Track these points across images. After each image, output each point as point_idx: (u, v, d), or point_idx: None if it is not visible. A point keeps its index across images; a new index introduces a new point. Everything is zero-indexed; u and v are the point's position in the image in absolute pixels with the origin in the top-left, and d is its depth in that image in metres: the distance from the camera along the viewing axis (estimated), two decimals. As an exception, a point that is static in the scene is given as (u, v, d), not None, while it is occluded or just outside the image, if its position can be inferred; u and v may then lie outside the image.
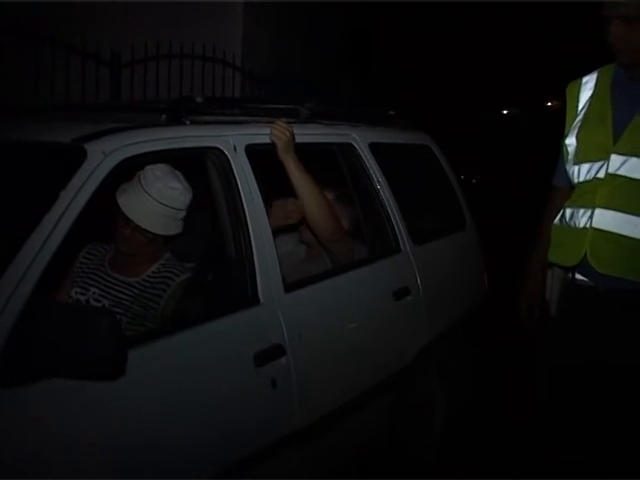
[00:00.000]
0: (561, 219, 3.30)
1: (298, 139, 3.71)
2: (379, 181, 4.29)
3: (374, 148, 4.38)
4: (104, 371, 2.43)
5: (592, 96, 3.30)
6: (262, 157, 3.57)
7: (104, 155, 2.84)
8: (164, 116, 3.40)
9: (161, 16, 8.97)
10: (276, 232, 3.94)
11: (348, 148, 4.24)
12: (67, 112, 4.01)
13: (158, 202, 3.35)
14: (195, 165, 3.41)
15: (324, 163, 4.15)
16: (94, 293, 3.45)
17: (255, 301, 3.25)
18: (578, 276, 3.23)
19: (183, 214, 3.46)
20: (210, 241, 3.56)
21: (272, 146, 3.62)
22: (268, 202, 3.61)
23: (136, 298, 3.42)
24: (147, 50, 7.90)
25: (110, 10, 8.93)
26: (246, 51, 9.43)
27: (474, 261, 5.25)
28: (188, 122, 3.36)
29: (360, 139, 4.32)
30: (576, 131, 3.28)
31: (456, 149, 19.19)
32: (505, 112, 30.39)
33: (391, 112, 4.98)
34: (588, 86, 3.35)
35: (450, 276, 4.74)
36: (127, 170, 3.07)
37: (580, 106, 3.34)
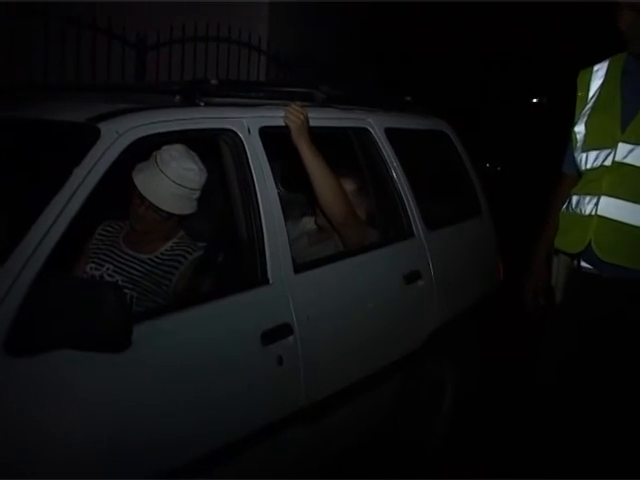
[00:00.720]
0: (568, 206, 3.33)
1: (312, 123, 3.75)
2: (394, 166, 4.32)
3: (390, 133, 4.41)
4: (110, 343, 2.51)
5: (602, 84, 3.33)
6: (276, 139, 3.62)
7: (117, 134, 2.91)
8: (178, 97, 3.46)
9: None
10: (289, 214, 4.01)
11: (363, 133, 4.27)
12: (85, 92, 4.07)
13: (173, 182, 3.43)
14: (209, 146, 3.47)
15: (339, 147, 4.19)
16: (108, 269, 3.53)
17: (264, 281, 3.31)
18: (583, 263, 3.26)
19: (197, 194, 3.54)
20: (222, 221, 3.62)
21: (286, 129, 3.67)
22: None
23: (148, 274, 3.50)
24: (172, 33, 7.97)
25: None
26: (272, 35, 9.46)
27: (489, 248, 5.26)
28: (202, 104, 3.42)
29: (376, 124, 4.35)
30: (585, 118, 3.31)
31: (483, 138, 19.18)
32: (535, 101, 30.18)
33: (408, 98, 5.01)
34: (599, 74, 3.37)
35: (463, 262, 4.77)
36: (140, 150, 3.13)
37: (590, 94, 3.36)
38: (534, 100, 29.64)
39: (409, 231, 4.33)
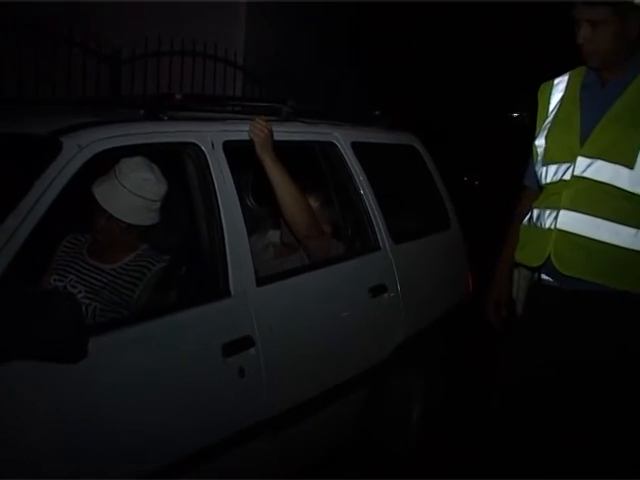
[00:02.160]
0: (529, 220, 3.36)
1: (277, 137, 3.79)
2: (360, 180, 4.36)
3: (356, 147, 4.45)
4: (65, 353, 2.53)
5: (562, 98, 3.35)
6: (244, 153, 3.65)
7: (79, 148, 2.94)
8: (142, 111, 3.49)
9: (163, 13, 9.03)
10: (254, 228, 4.04)
11: (330, 147, 4.31)
12: (54, 106, 4.09)
13: (131, 192, 3.47)
14: (172, 160, 3.50)
15: (305, 161, 4.22)
16: (71, 280, 3.54)
17: (226, 293, 3.33)
18: (543, 276, 3.28)
19: (157, 205, 3.57)
20: (186, 235, 3.64)
21: (251, 143, 3.70)
22: None
23: (110, 285, 3.51)
24: (148, 46, 7.99)
25: (112, 6, 9.01)
26: (248, 49, 9.49)
27: (458, 261, 5.30)
28: (166, 118, 3.44)
29: (342, 138, 4.38)
30: (545, 132, 3.33)
31: (462, 151, 19.20)
32: (515, 115, 30.26)
33: (377, 112, 5.06)
34: (559, 88, 3.39)
35: (431, 275, 4.80)
36: (103, 163, 3.16)
37: (551, 108, 3.38)
38: (514, 114, 29.73)
39: (375, 244, 4.36)
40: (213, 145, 3.48)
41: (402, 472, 4.49)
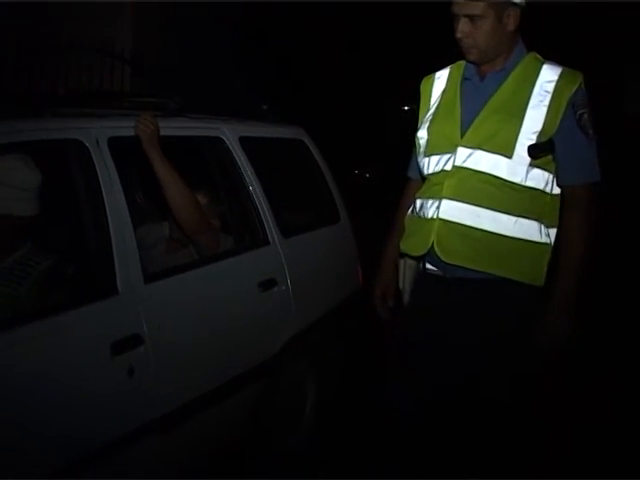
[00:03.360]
0: (413, 210, 3.43)
1: (164, 132, 3.76)
2: (248, 175, 4.35)
3: (244, 142, 4.44)
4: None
5: (444, 91, 3.42)
6: (127, 150, 3.61)
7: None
8: (23, 108, 3.42)
9: (49, 9, 8.87)
10: (141, 224, 4.01)
11: (217, 142, 4.29)
12: None
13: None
14: (56, 157, 3.44)
15: (192, 157, 4.20)
16: None
17: (114, 291, 3.30)
18: (428, 265, 3.35)
19: (29, 195, 3.48)
20: (72, 233, 3.59)
21: (137, 139, 3.66)
22: None
23: None
24: (33, 43, 7.84)
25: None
26: (136, 46, 9.39)
27: (348, 254, 5.34)
28: (48, 114, 3.38)
29: (230, 133, 4.37)
30: (427, 124, 3.40)
31: (353, 145, 19.37)
32: (406, 108, 30.60)
33: (264, 106, 5.06)
34: (440, 81, 3.47)
35: (321, 268, 4.83)
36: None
37: (432, 100, 3.45)
38: (405, 108, 30.07)
39: (264, 239, 4.37)
40: (98, 142, 3.43)
41: (294, 466, 4.52)
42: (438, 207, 3.22)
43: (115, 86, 8.80)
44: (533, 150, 3.11)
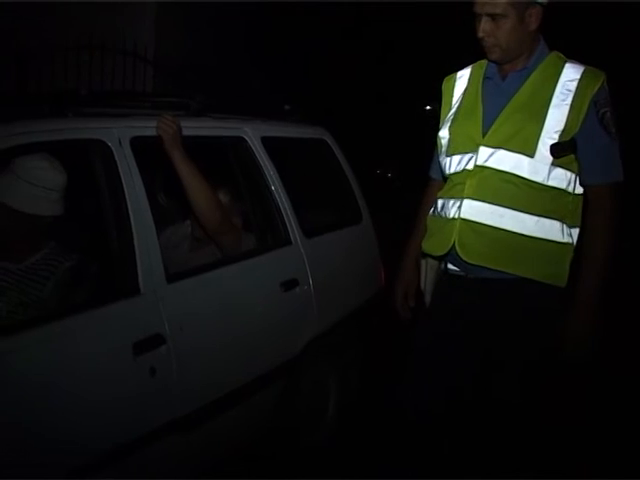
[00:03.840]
0: (434, 210, 3.42)
1: (186, 132, 3.77)
2: (270, 175, 4.35)
3: (267, 142, 4.44)
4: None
5: (465, 90, 3.42)
6: (153, 149, 3.63)
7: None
8: (46, 108, 3.43)
9: (71, 9, 8.91)
10: (164, 224, 4.02)
11: (239, 142, 4.29)
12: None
13: (27, 182, 3.42)
14: (79, 157, 3.45)
15: (215, 156, 4.21)
16: None
17: (135, 291, 3.31)
18: (450, 266, 3.35)
19: (56, 195, 3.52)
20: (94, 233, 3.60)
21: (159, 139, 3.67)
22: None
23: (17, 285, 3.45)
24: (56, 41, 7.86)
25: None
26: (158, 43, 9.42)
27: (370, 255, 5.33)
28: (70, 114, 3.40)
29: (252, 133, 4.37)
30: (449, 124, 3.39)
31: (376, 144, 19.31)
32: (428, 108, 30.51)
33: (287, 106, 5.06)
34: (462, 81, 3.46)
35: (343, 269, 4.82)
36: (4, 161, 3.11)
37: (454, 100, 3.45)
38: (427, 107, 29.98)
39: (286, 239, 4.37)
40: (120, 142, 3.44)
41: (314, 465, 4.52)
42: (460, 207, 3.21)
43: (137, 86, 8.81)
44: (555, 149, 3.09)
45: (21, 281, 3.47)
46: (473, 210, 3.18)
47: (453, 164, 3.32)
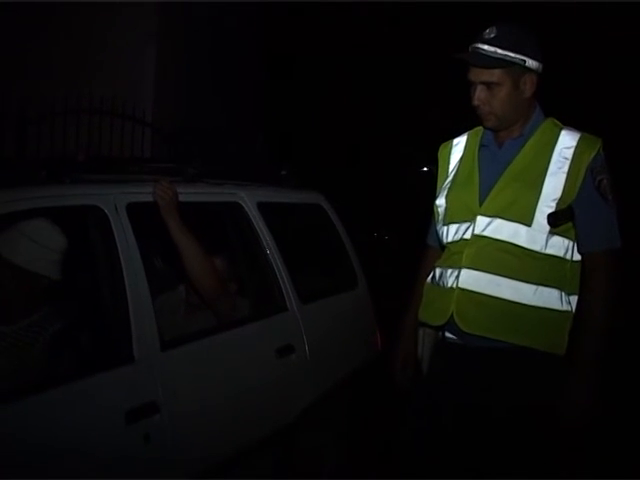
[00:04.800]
0: (432, 279, 3.39)
1: (182, 198, 3.78)
2: (266, 241, 4.35)
3: (262, 207, 4.45)
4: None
5: (461, 158, 3.41)
6: (145, 215, 3.62)
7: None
8: (44, 174, 3.44)
9: (71, 71, 8.99)
10: (160, 289, 4.00)
11: (235, 207, 4.30)
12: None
13: (29, 238, 3.41)
14: (75, 223, 3.46)
15: (210, 222, 4.21)
16: None
17: (129, 359, 3.29)
18: (447, 334, 3.31)
19: (56, 257, 3.49)
20: (89, 298, 3.58)
21: (155, 205, 3.67)
22: None
23: (8, 349, 3.41)
24: (55, 105, 7.90)
25: (18, 62, 8.93)
26: (157, 107, 9.48)
27: (365, 320, 5.31)
28: (68, 180, 3.40)
29: (248, 198, 4.38)
30: (446, 192, 3.38)
31: (372, 207, 19.36)
32: (425, 169, 30.66)
33: (283, 171, 5.07)
34: (458, 148, 3.45)
35: (338, 334, 4.80)
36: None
37: (451, 168, 3.44)
38: (424, 169, 30.10)
39: (282, 305, 4.36)
40: (116, 208, 3.45)
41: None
42: (457, 276, 3.19)
43: (136, 149, 8.84)
44: (552, 218, 3.08)
45: (12, 344, 3.43)
46: (471, 280, 3.16)
47: (450, 233, 3.30)
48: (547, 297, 3.13)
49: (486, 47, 3.14)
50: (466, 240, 3.21)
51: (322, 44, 14.77)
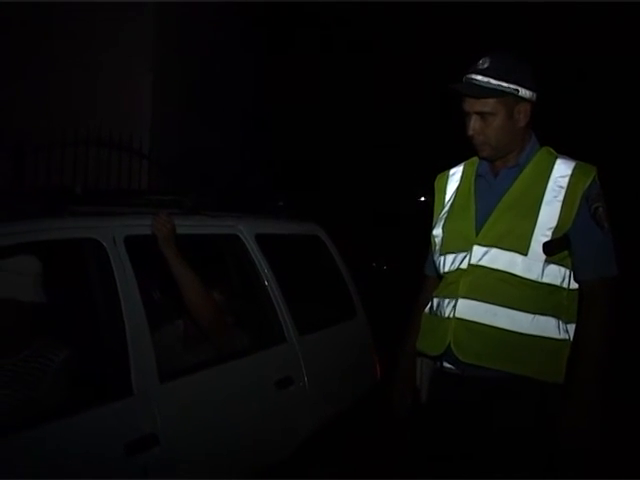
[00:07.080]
0: (430, 309, 3.40)
1: (180, 230, 3.79)
2: (265, 272, 4.36)
3: (260, 239, 4.47)
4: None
5: (457, 188, 3.42)
6: (144, 248, 3.63)
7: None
8: (43, 207, 3.45)
9: (68, 103, 9.03)
10: (158, 322, 4.01)
11: (233, 239, 4.32)
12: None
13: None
14: (73, 257, 3.46)
15: (209, 254, 4.22)
16: None
17: (128, 392, 3.29)
18: (445, 364, 3.31)
19: (28, 280, 3.44)
20: (87, 332, 3.57)
21: (153, 237, 3.69)
22: None
23: (8, 384, 3.38)
24: (52, 136, 7.93)
25: (15, 95, 8.96)
26: (154, 138, 9.51)
27: (364, 350, 5.31)
28: (66, 213, 3.41)
29: (246, 230, 4.40)
30: (442, 222, 3.39)
31: (371, 237, 19.35)
32: (423, 199, 30.63)
33: (280, 203, 5.09)
34: (454, 178, 3.47)
35: (337, 365, 4.80)
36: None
37: (447, 198, 3.45)
38: (422, 198, 30.07)
39: (280, 337, 4.36)
40: (114, 240, 3.46)
41: None
42: (454, 306, 3.20)
43: (133, 180, 8.86)
44: (548, 247, 3.09)
45: (17, 375, 3.41)
46: (468, 309, 3.16)
47: (447, 263, 3.31)
48: (544, 326, 3.14)
49: (479, 77, 3.17)
50: (463, 270, 3.22)
51: (322, 78, 14.83)
